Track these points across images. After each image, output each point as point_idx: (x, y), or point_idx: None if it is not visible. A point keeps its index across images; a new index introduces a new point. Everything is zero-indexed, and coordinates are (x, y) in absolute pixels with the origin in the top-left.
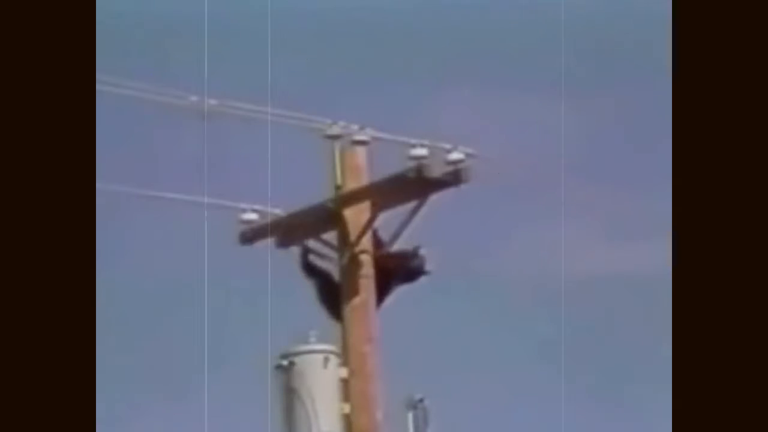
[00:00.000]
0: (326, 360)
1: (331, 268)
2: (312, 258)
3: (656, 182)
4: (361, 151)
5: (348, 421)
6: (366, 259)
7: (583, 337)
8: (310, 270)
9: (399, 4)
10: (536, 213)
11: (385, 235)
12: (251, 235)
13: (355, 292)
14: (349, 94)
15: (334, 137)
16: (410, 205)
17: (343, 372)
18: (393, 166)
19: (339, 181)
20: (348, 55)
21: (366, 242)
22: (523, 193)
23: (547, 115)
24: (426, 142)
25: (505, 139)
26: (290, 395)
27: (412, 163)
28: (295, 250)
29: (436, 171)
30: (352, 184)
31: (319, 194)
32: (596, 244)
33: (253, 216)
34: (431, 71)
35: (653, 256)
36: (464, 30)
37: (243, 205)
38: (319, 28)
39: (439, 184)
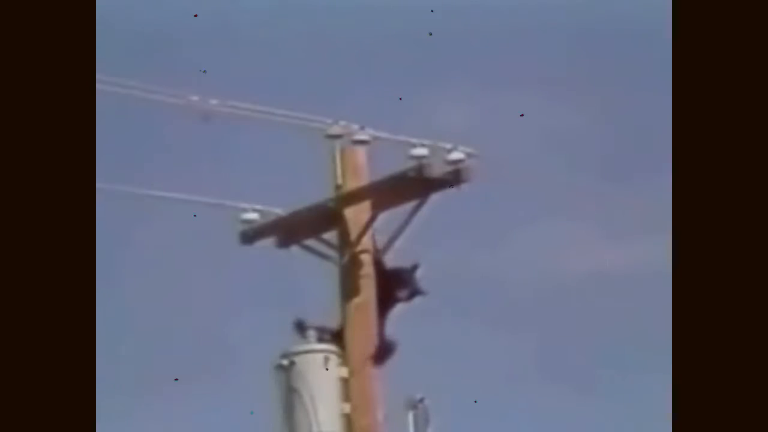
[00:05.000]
0: (326, 359)
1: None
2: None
3: (656, 180)
4: (361, 150)
5: (348, 421)
6: (366, 259)
7: (583, 336)
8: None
9: (400, 3)
10: (536, 212)
11: (386, 235)
12: (251, 235)
13: (355, 292)
14: (349, 94)
15: (335, 137)
16: (410, 205)
17: (344, 372)
18: (393, 166)
19: (339, 181)
20: (348, 54)
21: (366, 242)
22: (522, 193)
23: (547, 113)
24: (426, 141)
25: (505, 139)
26: (290, 395)
27: (412, 163)
28: (295, 250)
29: (437, 171)
30: (352, 184)
31: (319, 194)
32: (596, 242)
33: (253, 216)
34: (432, 71)
35: (653, 255)
36: (464, 29)
37: (243, 205)
38: (320, 28)
39: (440, 183)
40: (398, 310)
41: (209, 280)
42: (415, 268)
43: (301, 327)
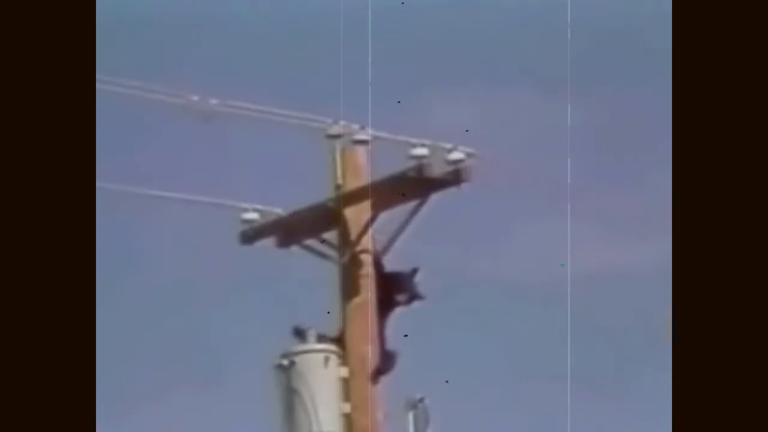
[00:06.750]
0: (326, 359)
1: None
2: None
3: (656, 180)
4: (361, 150)
5: (348, 421)
6: (366, 259)
7: (583, 335)
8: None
9: (400, 2)
10: (536, 212)
11: (386, 235)
12: (252, 235)
13: (355, 291)
14: (349, 94)
15: (335, 137)
16: (410, 205)
17: (344, 372)
18: (393, 166)
19: (339, 181)
20: (348, 54)
21: (366, 242)
22: (522, 193)
23: (548, 113)
24: (426, 141)
25: (505, 139)
26: (290, 395)
27: (412, 163)
28: (295, 250)
29: (437, 171)
30: (352, 184)
31: (320, 194)
32: (596, 242)
33: (253, 215)
34: (432, 70)
35: (653, 255)
36: (464, 29)
37: (244, 205)
38: (320, 28)
39: (440, 183)
40: (397, 311)
41: (209, 280)
42: (414, 272)
43: (300, 333)
